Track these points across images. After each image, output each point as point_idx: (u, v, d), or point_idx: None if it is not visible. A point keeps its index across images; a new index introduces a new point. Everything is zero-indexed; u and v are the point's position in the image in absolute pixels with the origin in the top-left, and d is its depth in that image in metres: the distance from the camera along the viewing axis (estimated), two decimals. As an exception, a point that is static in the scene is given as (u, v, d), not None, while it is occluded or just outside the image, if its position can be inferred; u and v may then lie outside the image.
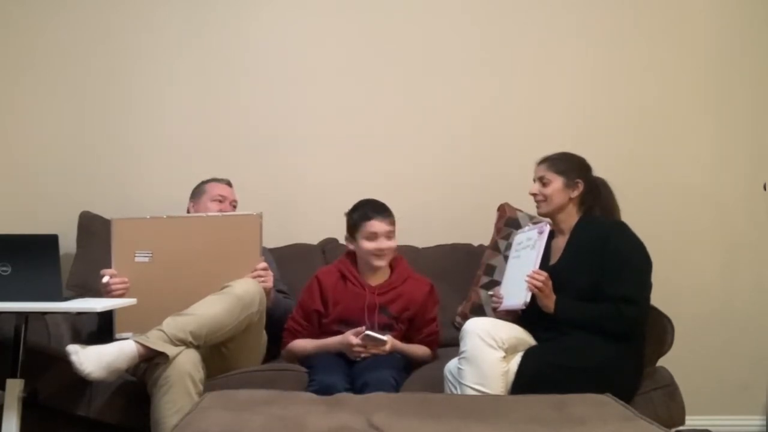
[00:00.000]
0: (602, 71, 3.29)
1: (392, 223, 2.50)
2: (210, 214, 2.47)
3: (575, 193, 2.43)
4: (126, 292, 2.32)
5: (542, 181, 2.46)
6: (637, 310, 2.26)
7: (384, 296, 2.48)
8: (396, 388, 2.24)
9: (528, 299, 2.28)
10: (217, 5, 3.18)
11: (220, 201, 2.69)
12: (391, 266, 2.56)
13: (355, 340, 2.35)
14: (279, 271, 2.69)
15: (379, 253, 2.46)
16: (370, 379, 2.20)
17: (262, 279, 2.34)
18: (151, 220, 2.36)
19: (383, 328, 2.45)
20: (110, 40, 3.13)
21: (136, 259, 2.34)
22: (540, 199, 2.47)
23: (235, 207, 2.77)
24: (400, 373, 2.34)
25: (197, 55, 3.17)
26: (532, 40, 3.28)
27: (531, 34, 3.28)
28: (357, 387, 2.20)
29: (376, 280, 2.51)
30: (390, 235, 2.48)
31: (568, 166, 2.44)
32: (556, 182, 2.43)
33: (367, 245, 2.46)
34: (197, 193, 2.76)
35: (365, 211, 2.49)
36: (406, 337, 2.52)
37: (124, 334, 2.25)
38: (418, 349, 2.51)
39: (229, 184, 2.81)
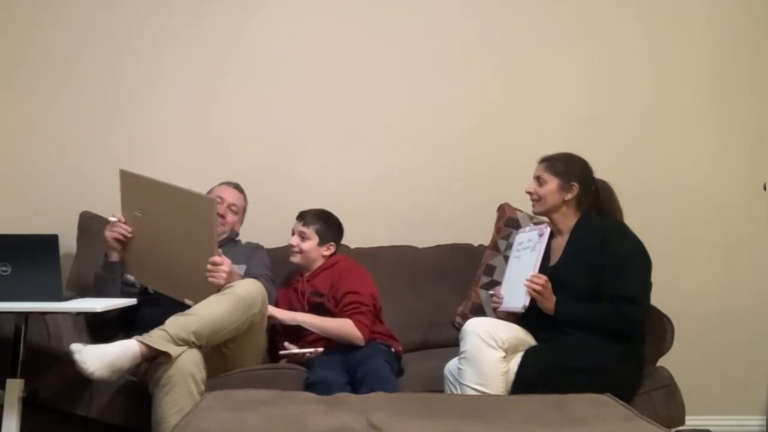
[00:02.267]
0: (603, 71, 3.29)
1: (306, 225, 2.73)
2: (175, 185, 2.35)
3: (569, 196, 2.43)
4: (126, 242, 2.40)
5: (539, 181, 2.46)
6: (638, 310, 2.26)
7: (313, 279, 2.69)
8: (392, 371, 2.37)
9: (527, 303, 2.28)
10: (216, 5, 3.18)
11: (219, 203, 2.68)
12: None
13: (283, 353, 2.52)
14: (272, 270, 2.73)
15: (291, 249, 2.73)
16: (368, 370, 2.29)
17: (210, 275, 2.24)
18: (143, 179, 2.36)
19: (318, 307, 2.60)
20: (110, 40, 3.13)
21: (134, 212, 2.39)
22: (534, 199, 2.48)
23: (235, 212, 2.76)
24: (390, 357, 2.48)
25: (197, 55, 3.17)
26: (533, 41, 3.28)
27: (531, 34, 3.28)
28: (357, 379, 2.28)
29: (307, 270, 2.75)
30: (301, 234, 2.72)
31: (567, 168, 2.44)
32: (552, 183, 2.43)
33: None
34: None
35: None
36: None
37: (129, 277, 2.46)
38: (331, 322, 2.54)
39: (236, 187, 2.81)
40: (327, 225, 2.76)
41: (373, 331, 2.57)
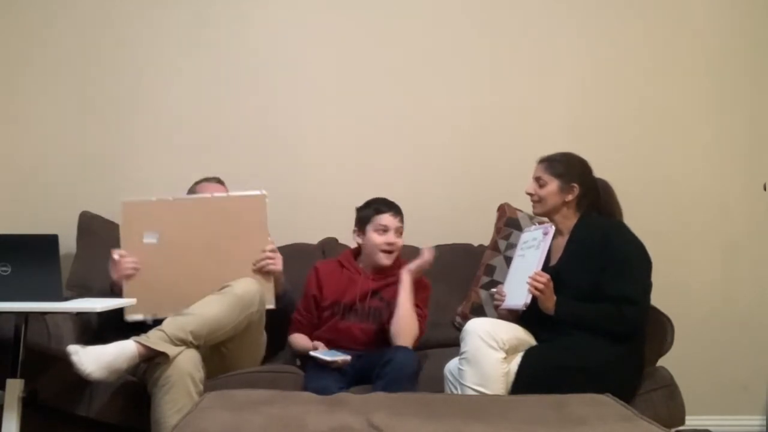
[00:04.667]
0: (602, 71, 3.29)
1: (402, 221, 2.57)
2: (215, 194, 2.45)
3: (570, 197, 2.43)
4: (136, 273, 2.34)
5: (538, 182, 2.46)
6: (638, 310, 2.26)
7: (378, 282, 2.56)
8: (416, 372, 2.31)
9: (528, 301, 2.28)
10: (217, 4, 3.18)
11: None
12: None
13: (313, 354, 2.41)
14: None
15: (387, 248, 2.53)
16: (395, 357, 2.25)
17: (272, 261, 2.36)
18: (159, 203, 2.37)
19: (375, 312, 2.51)
20: (110, 40, 3.13)
21: (145, 241, 2.36)
22: (535, 200, 2.48)
23: None
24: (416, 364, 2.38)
25: (198, 54, 3.17)
26: (533, 40, 3.28)
27: (531, 34, 3.28)
28: (382, 363, 2.25)
29: (373, 270, 2.58)
30: (399, 231, 2.56)
31: (566, 169, 2.44)
32: (552, 185, 2.43)
33: (377, 238, 2.54)
34: (189, 194, 2.75)
35: (378, 205, 2.58)
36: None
37: (135, 316, 2.32)
38: (413, 315, 2.45)
39: (219, 181, 2.79)
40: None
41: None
